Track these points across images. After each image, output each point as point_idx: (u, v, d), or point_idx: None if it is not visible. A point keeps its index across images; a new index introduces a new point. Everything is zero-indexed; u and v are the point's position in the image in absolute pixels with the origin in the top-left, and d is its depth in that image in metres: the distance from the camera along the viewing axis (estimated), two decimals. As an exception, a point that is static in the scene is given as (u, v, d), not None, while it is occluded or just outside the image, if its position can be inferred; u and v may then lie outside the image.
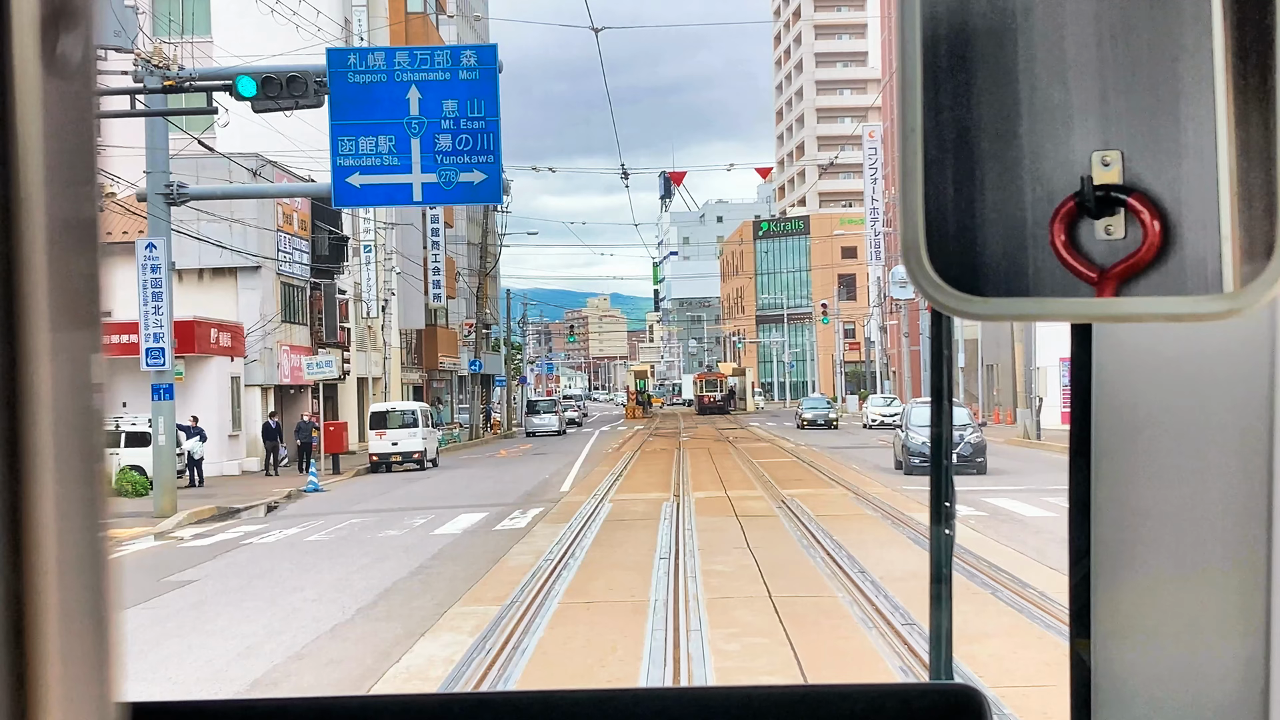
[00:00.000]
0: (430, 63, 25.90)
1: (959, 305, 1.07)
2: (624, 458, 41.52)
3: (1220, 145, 1.04)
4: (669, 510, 22.98)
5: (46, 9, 0.60)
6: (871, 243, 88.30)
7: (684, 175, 39.65)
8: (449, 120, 25.86)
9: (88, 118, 0.64)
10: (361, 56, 25.99)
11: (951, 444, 2.09)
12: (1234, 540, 1.42)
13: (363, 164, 25.73)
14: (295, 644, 12.32)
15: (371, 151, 25.72)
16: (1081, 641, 1.49)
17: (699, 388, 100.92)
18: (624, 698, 1.62)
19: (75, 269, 0.62)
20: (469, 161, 25.87)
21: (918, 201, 1.05)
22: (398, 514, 25.00)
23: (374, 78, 25.66)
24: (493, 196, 26.25)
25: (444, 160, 25.78)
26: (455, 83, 25.98)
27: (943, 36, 1.08)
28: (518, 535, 20.34)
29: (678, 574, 15.36)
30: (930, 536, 2.07)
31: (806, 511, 21.95)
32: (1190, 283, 1.05)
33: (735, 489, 27.21)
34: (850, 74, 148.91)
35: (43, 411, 0.59)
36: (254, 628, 13.32)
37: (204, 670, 11.36)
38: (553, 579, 15.36)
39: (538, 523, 22.14)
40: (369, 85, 25.76)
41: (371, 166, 25.75)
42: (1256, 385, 1.40)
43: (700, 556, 16.87)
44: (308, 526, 23.46)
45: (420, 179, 25.83)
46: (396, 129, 25.72)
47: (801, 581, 14.76)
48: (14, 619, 0.57)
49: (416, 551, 18.98)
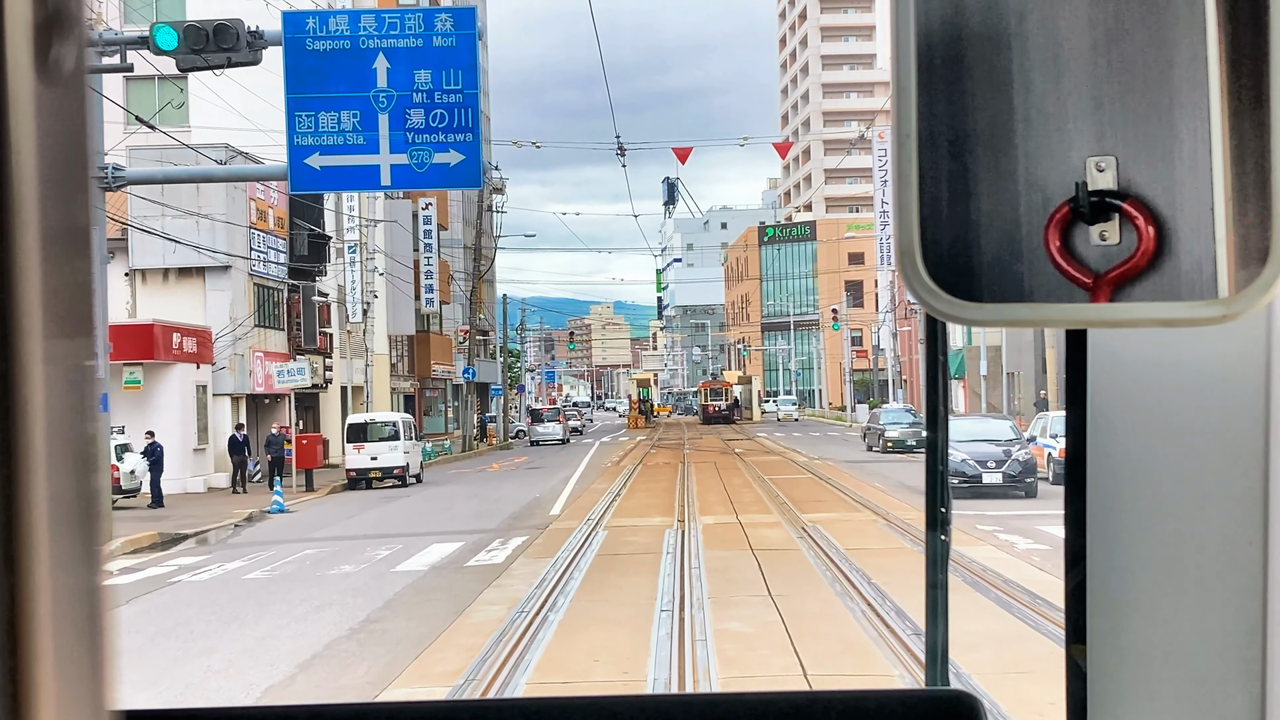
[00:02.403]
0: (400, 27, 22.69)
1: (954, 311, 1.06)
2: (624, 473, 38.24)
3: (1214, 151, 1.05)
4: (672, 541, 19.74)
5: (39, 16, 0.60)
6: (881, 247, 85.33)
7: (690, 151, 36.38)
8: (421, 93, 22.66)
9: (81, 125, 0.64)
10: (321, 20, 22.74)
11: (948, 450, 2.01)
12: (1230, 546, 1.41)
13: (323, 143, 22.54)
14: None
15: (333, 129, 22.52)
16: (1078, 647, 1.49)
17: (703, 396, 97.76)
18: (627, 704, 1.60)
19: (69, 276, 0.62)
20: (444, 140, 22.67)
21: (913, 207, 1.05)
22: (361, 543, 21.76)
23: (335, 44, 22.44)
24: (471, 180, 23.00)
25: (416, 139, 22.57)
26: (428, 50, 22.77)
27: (938, 43, 1.08)
28: (492, 574, 17.09)
29: (683, 637, 12.11)
30: (926, 542, 2.01)
31: (833, 543, 18.70)
32: (1185, 288, 1.06)
33: (748, 512, 23.94)
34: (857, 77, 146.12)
35: (36, 419, 0.58)
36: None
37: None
38: (525, 643, 12.12)
39: (518, 556, 18.88)
40: (329, 53, 22.55)
41: (333, 146, 22.55)
42: (1251, 390, 1.39)
43: (711, 609, 13.63)
44: (254, 559, 20.22)
45: (389, 160, 22.63)
46: (361, 103, 22.52)
47: (843, 648, 11.54)
48: (8, 626, 0.57)
49: (368, 596, 15.74)
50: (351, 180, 23.37)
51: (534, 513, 26.12)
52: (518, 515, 25.64)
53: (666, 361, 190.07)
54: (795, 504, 25.26)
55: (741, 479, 33.46)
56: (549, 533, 21.92)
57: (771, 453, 47.98)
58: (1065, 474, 1.49)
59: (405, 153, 22.54)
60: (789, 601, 13.78)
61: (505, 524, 24.01)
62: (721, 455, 46.39)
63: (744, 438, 64.01)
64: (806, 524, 21.59)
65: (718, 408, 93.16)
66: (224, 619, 14.66)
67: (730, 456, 45.41)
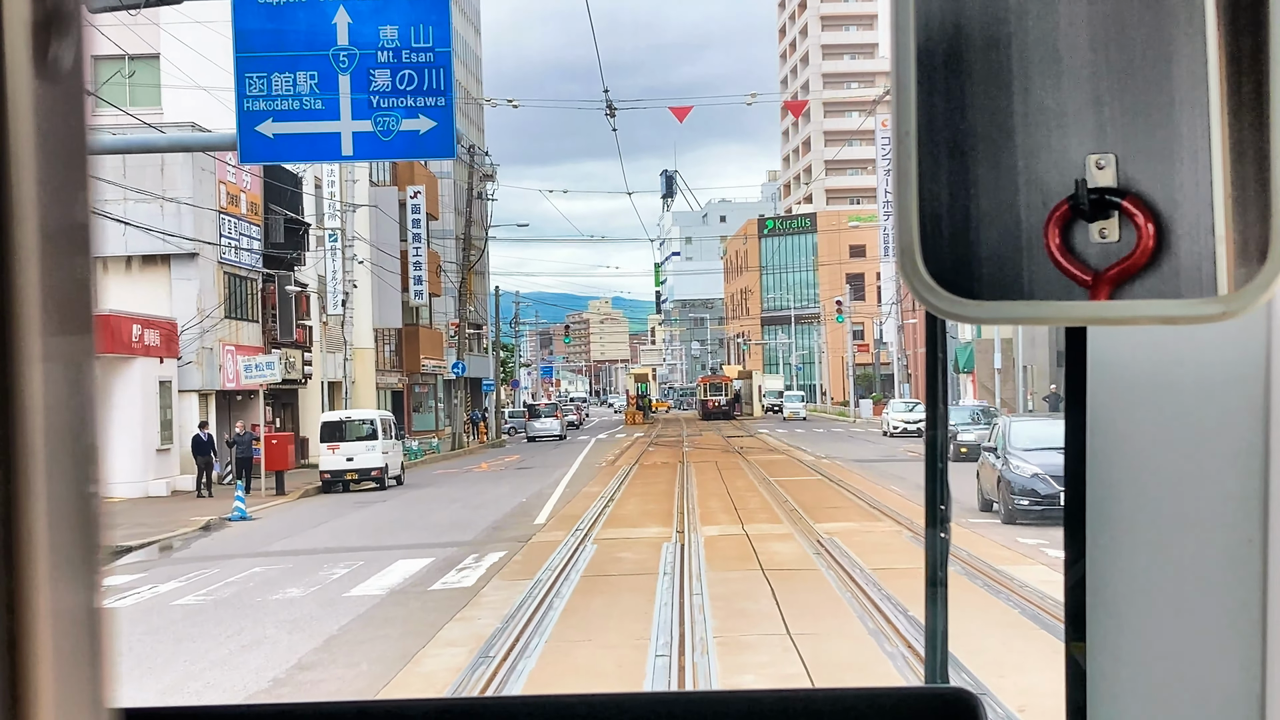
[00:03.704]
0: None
1: (954, 309, 1.07)
2: (619, 473, 35.68)
3: (1214, 148, 1.05)
4: (670, 557, 17.22)
5: (38, 14, 0.60)
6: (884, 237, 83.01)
7: (688, 110, 33.88)
8: (387, 52, 20.14)
9: (80, 123, 0.64)
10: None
11: (948, 447, 2.02)
12: (1229, 543, 1.41)
13: (276, 108, 19.99)
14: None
15: (288, 92, 19.99)
16: (1077, 645, 1.49)
17: (703, 391, 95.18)
18: (628, 702, 1.60)
19: (68, 274, 0.62)
20: (413, 105, 20.13)
21: (912, 205, 1.05)
22: (320, 558, 19.24)
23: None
24: (443, 149, 20.43)
25: (381, 103, 20.02)
26: (395, 3, 20.28)
27: (938, 40, 1.08)
28: (459, 601, 14.56)
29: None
30: (925, 539, 2.04)
31: (856, 561, 16.18)
32: (1184, 286, 1.06)
33: (755, 522, 21.42)
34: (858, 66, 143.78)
35: (36, 417, 0.59)
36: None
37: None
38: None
39: (492, 578, 16.35)
40: (283, 5, 20.04)
41: (288, 111, 20.01)
42: (1251, 388, 1.40)
43: (718, 654, 11.10)
44: (192, 579, 17.70)
45: (350, 127, 20.09)
46: (319, 63, 19.98)
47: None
48: (7, 625, 0.58)
49: (308, 631, 13.24)
50: (309, 150, 20.75)
51: (517, 521, 23.56)
52: (499, 525, 23.08)
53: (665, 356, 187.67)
54: (807, 511, 22.71)
55: (745, 481, 30.92)
56: (531, 547, 19.38)
57: (775, 451, 45.42)
58: (1064, 472, 1.49)
59: (369, 118, 19.97)
60: (814, 645, 11.25)
61: (483, 535, 21.47)
62: (723, 454, 43.85)
63: (745, 434, 61.43)
64: (822, 536, 19.06)
65: (717, 403, 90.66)
66: (132, 660, 12.13)
67: (732, 455, 42.86)
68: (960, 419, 37.07)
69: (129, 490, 31.68)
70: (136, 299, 34.77)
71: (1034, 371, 53.85)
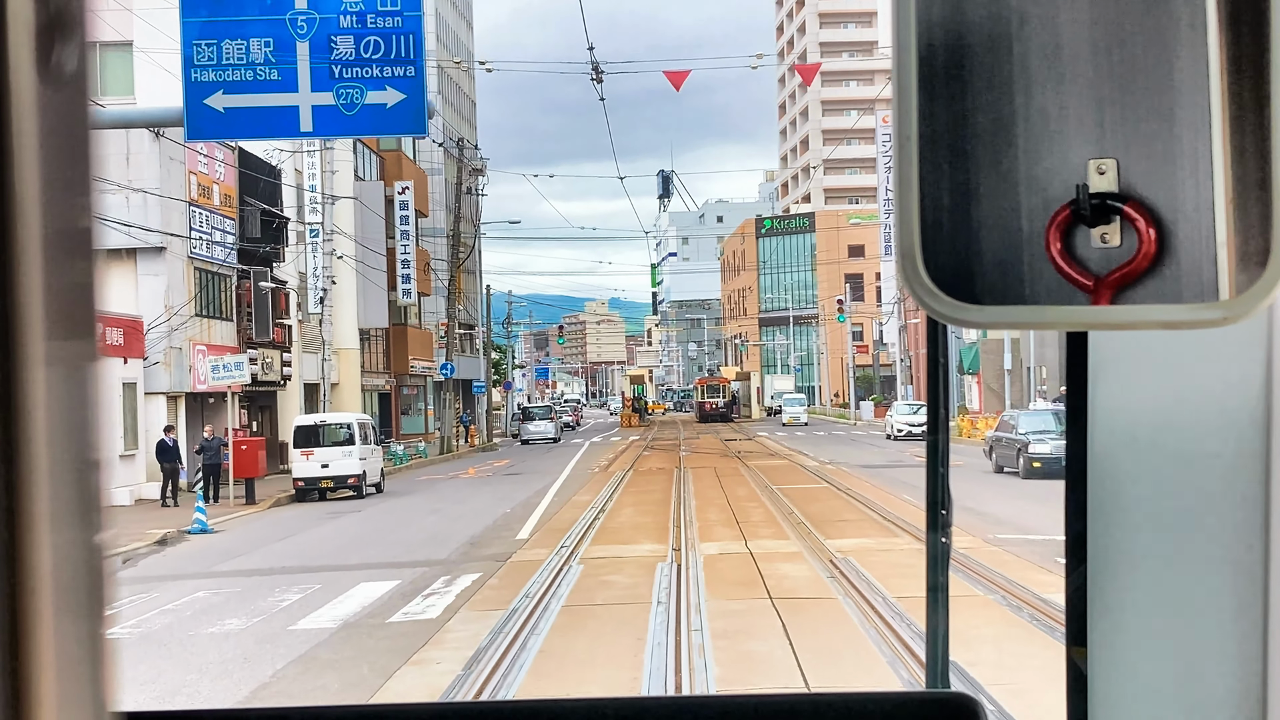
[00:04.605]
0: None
1: (955, 313, 1.06)
2: (612, 480, 33.62)
3: (1215, 153, 1.05)
4: (666, 581, 15.18)
5: (42, 17, 0.60)
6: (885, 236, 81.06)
7: (686, 75, 31.70)
8: (350, 16, 18.12)
9: (84, 126, 0.64)
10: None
11: (949, 451, 2.00)
12: (1230, 547, 1.40)
13: (227, 79, 17.96)
14: None
15: (240, 61, 17.96)
16: (1078, 649, 1.48)
17: (700, 393, 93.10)
18: (626, 707, 1.60)
19: (71, 277, 0.62)
20: (379, 76, 18.11)
21: (913, 209, 1.05)
22: (274, 580, 17.20)
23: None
24: (413, 125, 18.40)
25: (344, 73, 18.00)
26: (359, -39, 18.24)
27: (939, 45, 1.08)
28: (419, 638, 12.50)
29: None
30: (926, 544, 2.00)
31: (878, 588, 14.13)
32: (1185, 290, 1.06)
33: (759, 537, 19.37)
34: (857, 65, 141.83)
35: (38, 420, 0.59)
36: None
37: None
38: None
39: (461, 606, 14.28)
40: (234, -36, 18.02)
41: (240, 82, 17.98)
42: (1252, 393, 1.39)
43: (722, 716, 9.08)
44: (127, 604, 15.63)
45: (310, 100, 18.05)
46: (275, 28, 17.96)
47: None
48: (9, 627, 0.58)
49: (233, 679, 11.18)
50: (264, 125, 18.68)
51: (498, 536, 21.49)
52: (477, 540, 21.01)
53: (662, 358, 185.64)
54: (815, 524, 20.67)
55: (747, 489, 28.86)
56: (510, 567, 17.33)
57: (776, 455, 43.36)
58: (1066, 476, 1.48)
59: (330, 90, 17.95)
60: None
61: (459, 553, 19.40)
62: (722, 459, 41.77)
63: (744, 438, 59.35)
64: (835, 555, 17.02)
65: (715, 405, 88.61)
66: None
67: (731, 460, 40.80)
68: (1031, 426, 29.99)
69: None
70: (100, 295, 32.67)
71: (1044, 372, 51.84)
